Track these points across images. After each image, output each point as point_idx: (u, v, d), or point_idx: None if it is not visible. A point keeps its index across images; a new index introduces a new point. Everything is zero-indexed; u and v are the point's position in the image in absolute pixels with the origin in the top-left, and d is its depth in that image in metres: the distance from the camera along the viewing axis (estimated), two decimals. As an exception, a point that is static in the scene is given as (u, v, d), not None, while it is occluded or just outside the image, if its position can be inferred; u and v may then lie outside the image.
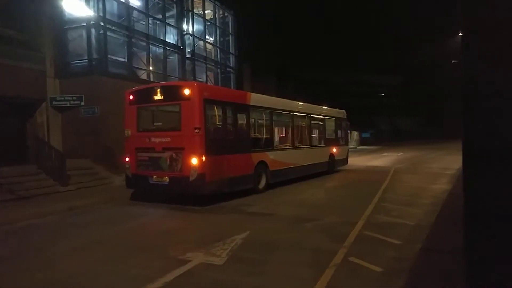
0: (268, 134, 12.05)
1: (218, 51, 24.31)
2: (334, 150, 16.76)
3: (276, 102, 13.23)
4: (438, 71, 59.55)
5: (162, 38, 18.44)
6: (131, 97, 10.22)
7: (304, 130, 14.72)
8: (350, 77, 57.73)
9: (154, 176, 9.39)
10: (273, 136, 12.36)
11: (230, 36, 25.56)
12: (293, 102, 14.54)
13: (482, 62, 2.15)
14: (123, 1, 16.34)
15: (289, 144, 13.60)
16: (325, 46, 55.44)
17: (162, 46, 18.40)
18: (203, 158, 8.84)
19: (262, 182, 11.28)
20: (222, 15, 24.81)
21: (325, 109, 17.16)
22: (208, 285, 4.43)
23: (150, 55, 17.67)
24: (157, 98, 9.70)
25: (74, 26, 15.16)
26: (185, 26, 20.21)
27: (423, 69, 63.94)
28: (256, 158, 11.00)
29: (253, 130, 11.52)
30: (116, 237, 6.69)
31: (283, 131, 14.08)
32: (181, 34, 19.88)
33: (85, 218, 8.40)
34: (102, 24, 14.73)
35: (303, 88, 41.05)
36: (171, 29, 19.50)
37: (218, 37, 24.20)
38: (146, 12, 17.52)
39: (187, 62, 20.27)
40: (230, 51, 25.57)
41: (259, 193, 10.94)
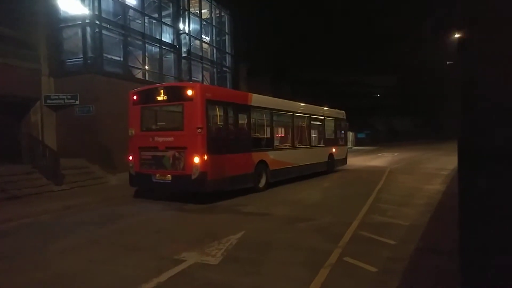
0: (268, 134, 12.31)
1: (214, 51, 24.27)
2: (334, 150, 16.97)
3: (276, 102, 13.38)
4: (433, 72, 59.86)
5: (158, 37, 18.36)
6: (135, 97, 10.43)
7: (304, 130, 14.93)
8: (346, 77, 57.87)
9: (157, 174, 9.63)
10: (273, 136, 12.59)
11: (227, 35, 25.53)
12: (293, 102, 14.69)
13: (481, 62, 2.15)
14: (119, -1, 16.26)
15: (289, 144, 13.79)
16: (322, 46, 55.48)
17: (158, 45, 18.33)
18: (205, 157, 9.09)
19: (263, 181, 11.50)
20: (218, 15, 24.78)
21: (324, 109, 17.33)
22: (202, 285, 4.41)
23: (146, 54, 17.60)
24: (160, 98, 9.94)
25: (70, 24, 15.05)
26: (181, 26, 20.14)
27: (419, 69, 64.23)
28: (256, 157, 11.21)
29: (253, 130, 11.78)
30: (110, 236, 6.64)
31: (283, 131, 14.25)
32: (177, 33, 19.81)
33: (79, 217, 8.33)
34: (98, 22, 14.63)
35: (299, 88, 41.10)
36: (167, 28, 19.42)
37: (214, 36, 24.16)
38: (142, 11, 17.45)
39: (183, 61, 20.21)
40: (227, 51, 25.53)
41: (260, 191, 11.14)
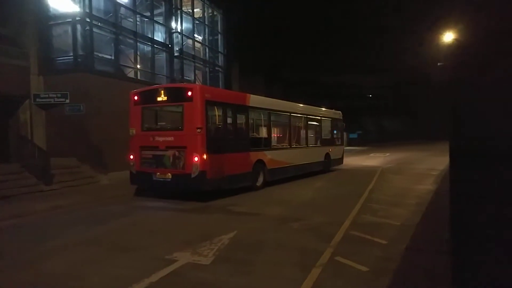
0: (266, 134, 12.61)
1: (207, 50, 24.18)
2: (330, 150, 17.23)
3: (274, 103, 13.60)
4: (425, 73, 60.44)
5: (150, 36, 18.22)
6: (136, 97, 10.65)
7: (300, 131, 15.22)
8: (338, 77, 58.17)
9: (158, 173, 9.86)
10: (270, 136, 12.87)
11: (219, 35, 25.46)
12: (290, 103, 14.90)
13: (471, 66, 2.18)
14: (110, -3, 16.10)
15: (286, 143, 14.03)
16: (313, 47, 55.78)
17: (150, 44, 18.19)
18: (205, 156, 9.33)
19: (260, 179, 11.76)
20: (211, 14, 24.70)
21: (321, 110, 17.58)
22: (194, 285, 4.39)
23: (138, 53, 17.46)
24: (161, 99, 10.19)
25: (59, 21, 14.85)
26: (173, 24, 20.02)
27: (410, 70, 64.80)
28: (254, 157, 11.49)
29: (251, 130, 12.10)
30: (101, 237, 6.57)
31: (281, 131, 14.44)
32: (169, 32, 19.69)
33: (69, 217, 8.23)
34: (88, 20, 14.46)
35: (291, 88, 41.20)
36: (159, 27, 19.29)
37: (207, 35, 24.07)
38: (133, 9, 17.30)
39: (175, 60, 20.10)
40: (219, 50, 25.46)
41: (257, 190, 11.42)
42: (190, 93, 9.55)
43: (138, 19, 17.67)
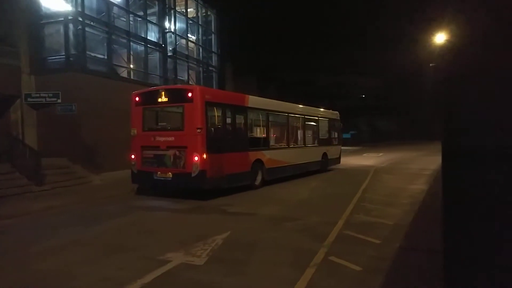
0: (264, 134, 12.79)
1: (200, 50, 24.13)
2: (327, 150, 17.43)
3: (272, 104, 13.73)
4: (417, 73, 60.92)
5: (143, 36, 18.14)
6: (137, 98, 10.80)
7: (298, 131, 15.42)
8: (332, 78, 58.41)
9: (159, 172, 10.05)
10: (269, 136, 13.04)
11: (213, 35, 25.42)
12: (288, 104, 15.02)
13: (462, 67, 2.19)
14: (103, -4, 15.98)
15: (284, 143, 14.20)
16: (307, 47, 55.92)
17: (143, 43, 18.11)
18: (204, 156, 9.52)
19: (258, 178, 11.93)
20: (205, 14, 24.66)
21: (318, 110, 17.77)
22: (187, 285, 4.37)
23: (131, 53, 17.37)
24: (161, 100, 10.39)
25: (51, 20, 14.73)
26: (167, 24, 19.96)
27: (403, 71, 65.28)
28: (253, 156, 11.66)
29: (250, 130, 12.30)
30: (93, 237, 6.51)
31: (279, 131, 14.59)
32: (162, 32, 19.61)
33: (60, 218, 8.15)
34: (81, 19, 14.35)
35: (285, 88, 41.27)
36: (153, 26, 19.21)
37: (200, 35, 24.02)
38: (126, 8, 17.20)
39: (169, 60, 20.04)
40: (213, 50, 25.43)
41: (256, 189, 11.60)
42: (190, 94, 9.71)
43: (131, 19, 17.58)
